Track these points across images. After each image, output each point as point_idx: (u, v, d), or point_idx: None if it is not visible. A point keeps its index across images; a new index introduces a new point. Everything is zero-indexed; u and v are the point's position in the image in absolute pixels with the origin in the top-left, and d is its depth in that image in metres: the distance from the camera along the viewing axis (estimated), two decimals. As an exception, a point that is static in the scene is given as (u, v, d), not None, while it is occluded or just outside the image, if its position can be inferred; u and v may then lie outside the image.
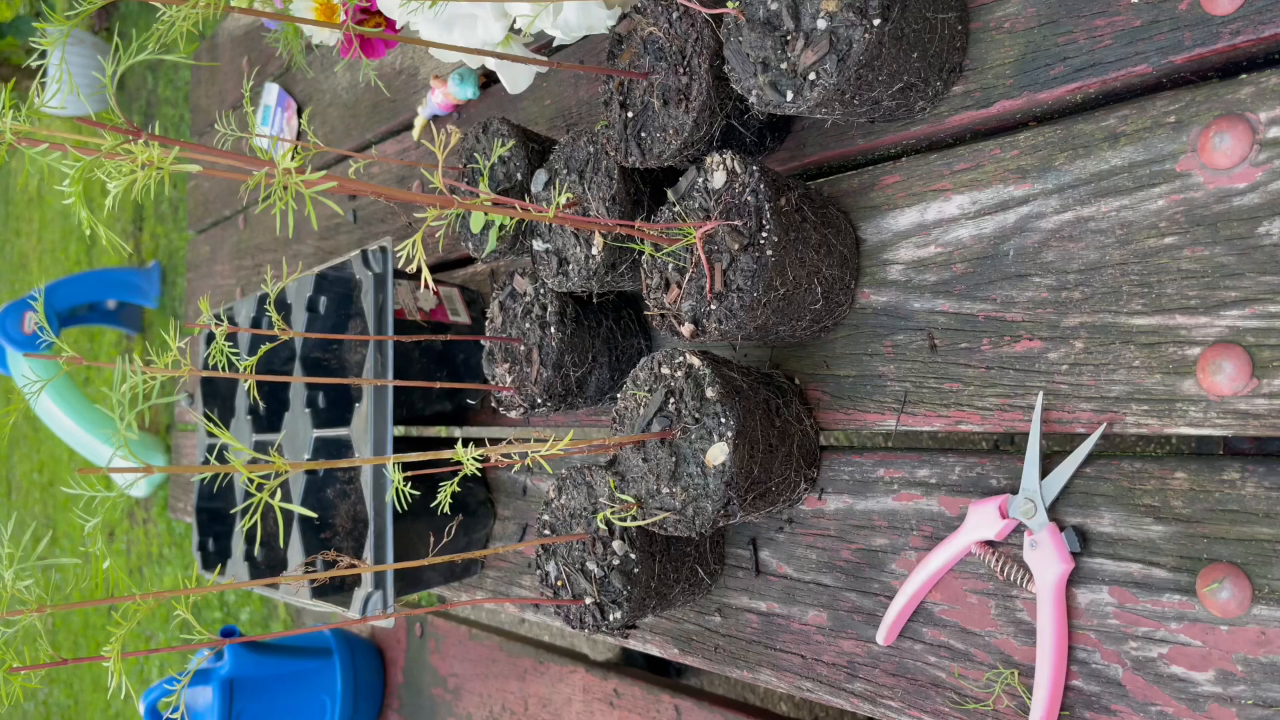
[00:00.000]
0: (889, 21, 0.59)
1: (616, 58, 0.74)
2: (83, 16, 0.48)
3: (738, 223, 0.65)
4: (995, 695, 0.64)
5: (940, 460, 0.68)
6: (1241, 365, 0.54)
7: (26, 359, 2.69)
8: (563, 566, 0.79)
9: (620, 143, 0.74)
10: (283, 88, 1.56)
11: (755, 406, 0.68)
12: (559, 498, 0.80)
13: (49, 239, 4.88)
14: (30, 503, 4.88)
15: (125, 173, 0.45)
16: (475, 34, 0.87)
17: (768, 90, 0.63)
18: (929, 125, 0.69)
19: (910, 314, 0.70)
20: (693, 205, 0.69)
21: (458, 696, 1.31)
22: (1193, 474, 0.57)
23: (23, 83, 4.16)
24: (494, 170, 0.88)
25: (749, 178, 0.66)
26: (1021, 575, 0.63)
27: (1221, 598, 0.55)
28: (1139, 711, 0.58)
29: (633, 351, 0.90)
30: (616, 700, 1.09)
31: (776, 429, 0.70)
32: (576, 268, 0.79)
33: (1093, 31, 0.61)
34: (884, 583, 0.71)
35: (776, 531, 0.78)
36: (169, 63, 3.82)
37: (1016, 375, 0.64)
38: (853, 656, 0.73)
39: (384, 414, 0.96)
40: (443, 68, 1.19)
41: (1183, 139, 0.57)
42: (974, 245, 0.66)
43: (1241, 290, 0.54)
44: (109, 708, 4.01)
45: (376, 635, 1.51)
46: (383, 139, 1.34)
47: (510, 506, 1.08)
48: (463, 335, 1.05)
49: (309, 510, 0.66)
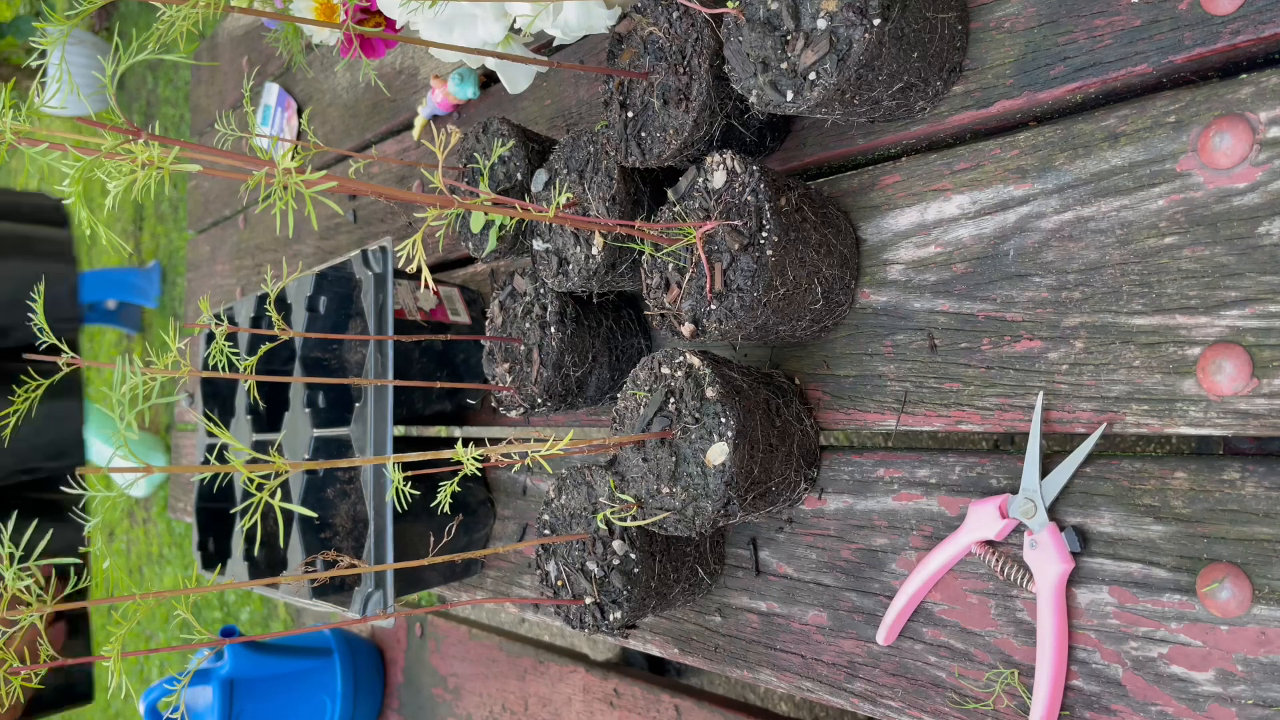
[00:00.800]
0: (889, 21, 0.59)
1: (616, 58, 0.74)
2: (83, 16, 0.48)
3: (738, 223, 0.65)
4: (995, 695, 0.64)
5: (940, 460, 0.68)
6: (1241, 365, 0.54)
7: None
8: (563, 566, 0.79)
9: (620, 143, 0.74)
10: (283, 88, 1.56)
11: (755, 406, 0.68)
12: (559, 498, 0.80)
13: (49, 239, 4.87)
14: (30, 503, 4.87)
15: (125, 173, 0.45)
16: (475, 34, 0.87)
17: (768, 90, 0.63)
18: (929, 125, 0.69)
19: (910, 314, 0.70)
20: (693, 205, 0.69)
21: (458, 696, 1.31)
22: (1193, 474, 0.57)
23: (23, 83, 4.16)
24: (494, 170, 0.88)
25: (749, 177, 0.66)
26: (1021, 575, 0.63)
27: (1221, 598, 0.55)
28: (1139, 711, 0.58)
29: (633, 351, 0.90)
30: (616, 700, 1.09)
31: (776, 429, 0.70)
32: (576, 268, 0.79)
33: (1093, 31, 0.61)
34: (884, 583, 0.71)
35: (776, 531, 0.78)
36: (169, 63, 3.82)
37: (1016, 375, 0.64)
38: (853, 656, 0.73)
39: (384, 414, 0.96)
40: (443, 68, 1.19)
41: (1183, 139, 0.57)
42: (974, 245, 0.66)
43: (1241, 290, 0.54)
44: (109, 708, 4.01)
45: (376, 635, 1.51)
46: (383, 139, 1.34)
47: (510, 506, 1.08)
48: (463, 335, 1.05)
49: (309, 510, 0.66)
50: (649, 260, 0.70)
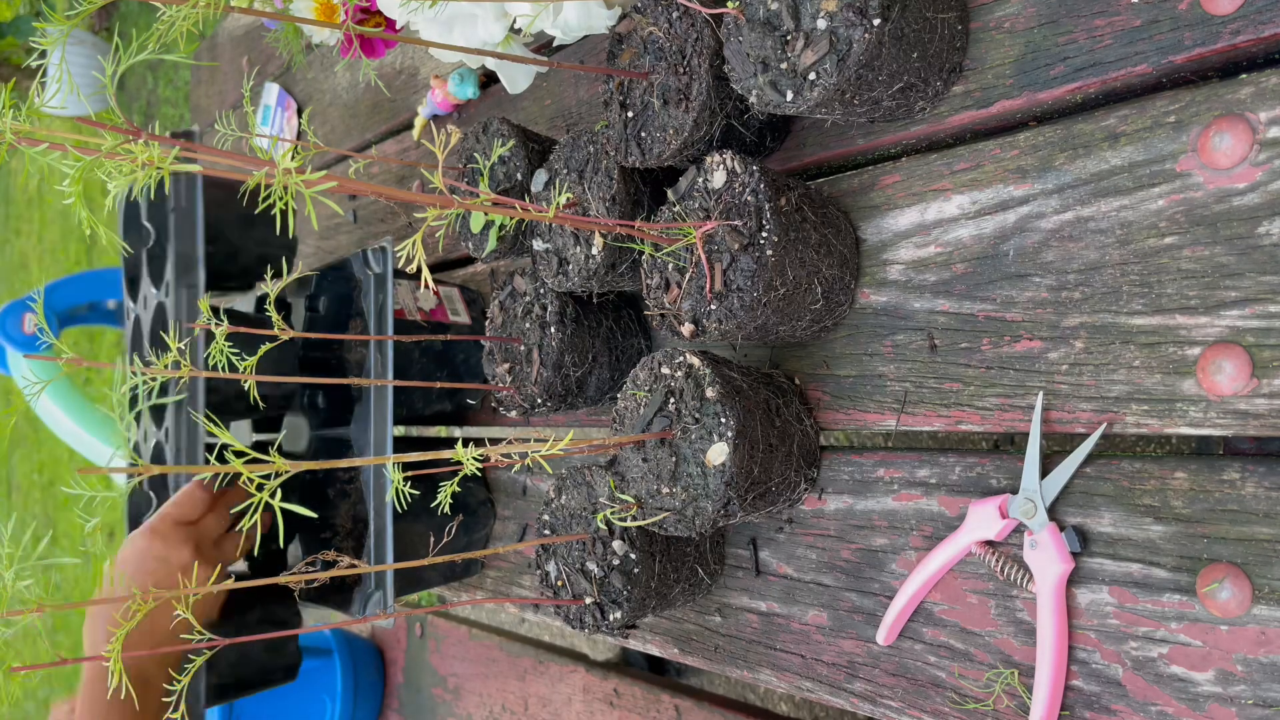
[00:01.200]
0: (889, 21, 0.59)
1: (616, 58, 0.74)
2: (83, 16, 0.48)
3: (738, 223, 0.65)
4: (995, 695, 0.64)
5: (940, 460, 0.68)
6: (1241, 365, 0.54)
7: (26, 359, 2.69)
8: (563, 566, 0.79)
9: (620, 143, 0.74)
10: (283, 88, 1.56)
11: (755, 406, 0.68)
12: (559, 498, 0.80)
13: (49, 239, 4.88)
14: (30, 503, 4.88)
15: (125, 173, 0.45)
16: (475, 34, 0.87)
17: (768, 90, 0.63)
18: (929, 125, 0.69)
19: (910, 314, 0.70)
20: (692, 205, 0.68)
21: (458, 696, 1.31)
22: (1193, 474, 0.57)
23: (23, 83, 4.16)
24: (494, 170, 0.88)
25: (749, 178, 0.65)
26: (1021, 575, 0.63)
27: (1221, 598, 0.55)
28: (1139, 711, 0.58)
29: (633, 351, 0.90)
30: (616, 700, 1.09)
31: (776, 429, 0.70)
32: (576, 267, 0.79)
33: (1093, 31, 0.61)
34: (884, 583, 0.71)
35: (776, 531, 0.78)
36: (169, 63, 3.82)
37: (1016, 375, 0.64)
38: (853, 656, 0.73)
39: (384, 414, 0.96)
40: (443, 68, 1.19)
41: (1183, 139, 0.57)
42: (974, 245, 0.66)
43: (1241, 290, 0.54)
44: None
45: (376, 635, 1.51)
46: (383, 139, 1.34)
47: (510, 506, 1.08)
48: (463, 335, 1.05)
49: (309, 510, 0.66)
50: (649, 260, 0.70)
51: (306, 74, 1.51)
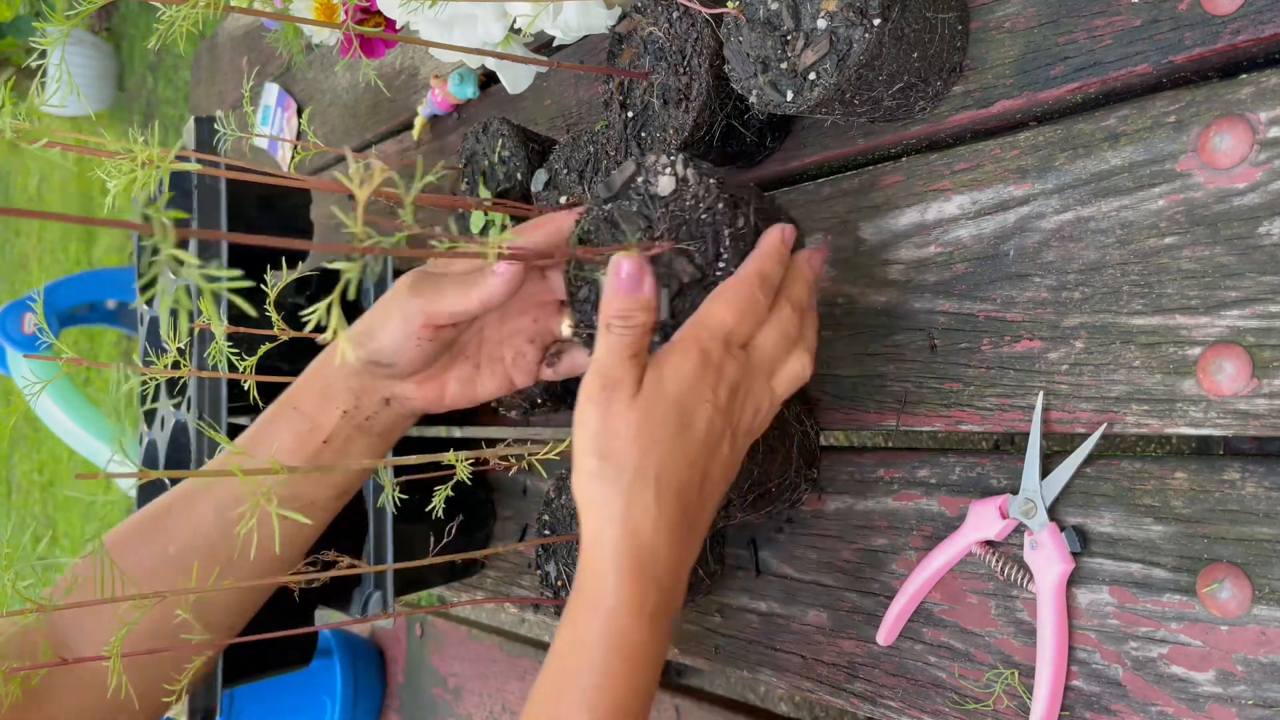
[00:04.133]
0: (889, 21, 0.59)
1: (616, 58, 0.74)
2: (83, 16, 0.48)
3: (691, 247, 0.57)
4: (995, 695, 0.64)
5: (940, 460, 0.68)
6: (1242, 365, 0.54)
7: (26, 359, 2.69)
8: (563, 566, 0.78)
9: (620, 143, 0.74)
10: (283, 88, 1.56)
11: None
12: (559, 498, 0.80)
13: (49, 239, 4.88)
14: (30, 503, 4.88)
15: (125, 173, 0.45)
16: (475, 34, 0.87)
17: (768, 90, 0.63)
18: (929, 125, 0.69)
19: (910, 314, 0.70)
20: (630, 208, 0.59)
21: (458, 696, 1.31)
22: (1193, 474, 0.57)
23: (23, 83, 4.16)
24: (494, 170, 0.88)
25: (703, 191, 0.57)
26: (1022, 575, 0.63)
27: (1222, 598, 0.55)
28: (1139, 711, 0.58)
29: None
30: (616, 700, 1.09)
31: (776, 429, 0.70)
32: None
33: (1093, 31, 0.61)
34: (884, 583, 0.71)
35: (776, 531, 0.78)
36: (169, 63, 3.82)
37: (1016, 375, 0.64)
38: (853, 656, 0.73)
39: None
40: (443, 68, 1.19)
41: (1183, 139, 0.57)
42: (974, 245, 0.66)
43: (1242, 290, 0.54)
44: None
45: (376, 635, 1.51)
46: (383, 139, 1.34)
47: (510, 506, 1.08)
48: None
49: (303, 517, 0.66)
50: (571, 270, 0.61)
51: (306, 74, 1.51)
